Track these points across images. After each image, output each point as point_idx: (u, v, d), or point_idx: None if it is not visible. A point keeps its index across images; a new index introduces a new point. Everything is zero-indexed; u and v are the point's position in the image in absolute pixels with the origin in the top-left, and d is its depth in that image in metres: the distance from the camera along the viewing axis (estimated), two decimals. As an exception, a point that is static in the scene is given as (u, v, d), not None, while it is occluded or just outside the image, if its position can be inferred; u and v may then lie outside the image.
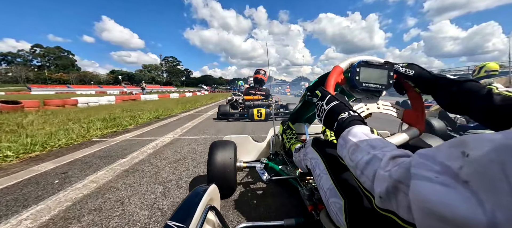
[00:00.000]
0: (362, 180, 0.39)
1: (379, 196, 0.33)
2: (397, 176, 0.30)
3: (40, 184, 1.57)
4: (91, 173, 1.75)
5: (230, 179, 1.18)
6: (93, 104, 8.94)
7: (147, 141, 2.93)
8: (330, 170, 0.63)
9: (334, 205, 0.58)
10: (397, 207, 0.30)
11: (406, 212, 0.29)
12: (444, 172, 0.24)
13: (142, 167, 1.88)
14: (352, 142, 0.43)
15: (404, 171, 0.29)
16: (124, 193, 1.40)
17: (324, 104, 0.57)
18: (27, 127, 3.46)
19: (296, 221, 0.87)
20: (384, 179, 0.32)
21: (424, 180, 0.25)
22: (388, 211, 0.32)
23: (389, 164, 0.33)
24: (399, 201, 0.30)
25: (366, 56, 0.73)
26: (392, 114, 0.71)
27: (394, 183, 0.30)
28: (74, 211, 1.21)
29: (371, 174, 0.36)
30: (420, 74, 0.63)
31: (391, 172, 0.31)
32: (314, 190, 0.91)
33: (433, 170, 0.25)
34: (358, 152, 0.41)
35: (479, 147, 0.22)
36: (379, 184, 0.33)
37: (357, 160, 0.40)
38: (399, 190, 0.29)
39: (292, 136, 1.25)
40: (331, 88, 0.66)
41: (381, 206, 0.33)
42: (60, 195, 1.39)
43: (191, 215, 0.52)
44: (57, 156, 2.26)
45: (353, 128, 0.46)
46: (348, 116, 0.50)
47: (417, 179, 0.26)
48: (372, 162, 0.37)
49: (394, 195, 0.30)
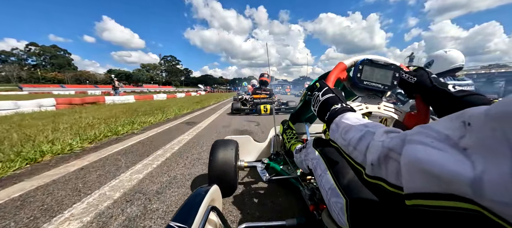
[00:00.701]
0: (354, 155, 0.40)
1: (370, 164, 0.34)
2: (390, 145, 0.31)
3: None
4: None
5: (231, 179, 1.18)
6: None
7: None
8: (331, 169, 0.63)
9: (336, 205, 0.58)
10: (386, 174, 0.31)
11: (395, 177, 0.30)
12: (441, 139, 0.24)
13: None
14: (345, 123, 0.45)
15: (398, 141, 0.30)
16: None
17: (320, 96, 0.58)
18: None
19: (297, 221, 0.87)
20: (377, 148, 0.33)
21: (419, 144, 0.26)
22: (377, 178, 0.33)
23: (383, 135, 0.34)
24: (388, 167, 0.31)
25: (372, 55, 0.71)
26: (393, 116, 0.70)
27: (386, 151, 0.31)
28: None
29: (364, 147, 0.37)
30: (421, 83, 0.62)
31: (384, 142, 0.32)
32: (315, 190, 0.91)
33: (430, 136, 0.25)
34: (351, 131, 0.42)
35: (480, 116, 0.22)
36: (372, 153, 0.34)
37: (350, 137, 0.41)
38: (390, 157, 0.31)
39: (292, 136, 1.24)
40: (331, 83, 0.66)
41: (371, 174, 0.34)
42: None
43: (193, 216, 0.51)
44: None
45: (346, 113, 0.48)
46: (340, 106, 0.51)
47: (411, 144, 0.27)
48: (365, 136, 0.38)
49: (385, 162, 0.31)
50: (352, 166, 0.41)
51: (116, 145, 2.61)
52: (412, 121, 0.69)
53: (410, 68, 0.70)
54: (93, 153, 2.29)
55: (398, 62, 0.70)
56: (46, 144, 2.38)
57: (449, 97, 0.56)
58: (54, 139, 2.60)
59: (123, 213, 1.14)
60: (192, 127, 3.87)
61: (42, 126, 3.53)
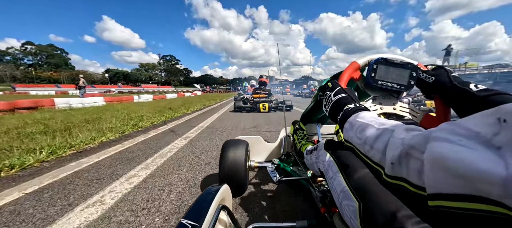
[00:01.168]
0: (371, 155, 0.38)
1: (390, 162, 0.32)
2: (412, 142, 0.29)
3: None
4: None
5: (241, 179, 1.17)
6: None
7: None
8: (343, 171, 0.62)
9: (348, 208, 0.56)
10: (408, 173, 0.30)
11: (417, 176, 0.28)
12: (470, 136, 0.22)
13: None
14: (360, 122, 0.43)
15: (421, 138, 0.28)
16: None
17: (332, 96, 0.56)
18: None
19: (308, 223, 0.85)
20: (397, 146, 0.31)
21: (445, 141, 0.24)
22: (398, 178, 0.32)
23: (403, 133, 0.33)
24: (410, 166, 0.29)
25: (387, 54, 0.69)
26: (410, 117, 0.67)
27: (407, 148, 0.30)
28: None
29: (382, 145, 0.35)
30: (439, 82, 0.59)
31: (404, 139, 0.31)
32: (326, 192, 0.90)
33: (458, 134, 0.23)
34: (367, 129, 0.40)
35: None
36: (391, 150, 0.32)
37: (366, 136, 0.39)
38: (411, 155, 0.29)
39: (303, 137, 1.24)
40: (343, 82, 0.64)
41: (391, 173, 0.33)
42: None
43: (204, 214, 0.52)
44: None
45: (361, 112, 0.46)
46: (354, 106, 0.49)
47: (436, 141, 0.25)
48: (383, 134, 0.36)
49: (406, 160, 0.30)
50: (369, 166, 0.39)
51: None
52: (430, 122, 0.66)
53: (429, 67, 0.67)
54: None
55: (416, 61, 0.68)
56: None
57: (471, 97, 0.52)
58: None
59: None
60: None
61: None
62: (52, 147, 2.32)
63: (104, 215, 1.16)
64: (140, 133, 3.49)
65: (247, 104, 7.12)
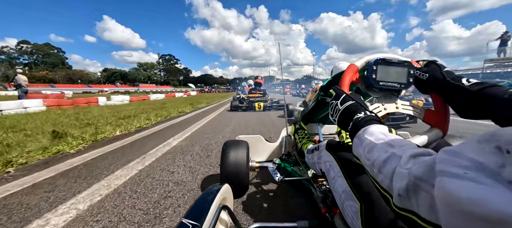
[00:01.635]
0: (379, 179, 0.36)
1: (398, 194, 0.31)
2: (418, 173, 0.28)
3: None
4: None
5: (242, 178, 1.17)
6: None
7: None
8: (345, 172, 0.62)
9: (350, 209, 0.56)
10: (418, 206, 0.28)
11: (428, 211, 0.26)
12: (475, 168, 0.22)
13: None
14: (368, 140, 0.41)
15: (427, 169, 0.27)
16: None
17: (339, 104, 0.54)
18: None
19: (309, 223, 0.85)
20: (404, 177, 0.30)
21: (452, 176, 0.23)
22: (408, 211, 0.30)
23: (409, 161, 0.31)
24: (420, 200, 0.28)
25: (384, 53, 0.69)
26: (412, 114, 0.68)
27: (414, 180, 0.28)
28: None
29: (390, 172, 0.33)
30: (433, 78, 0.59)
31: (411, 169, 0.29)
32: (328, 192, 0.90)
33: (461, 166, 0.22)
34: (375, 150, 0.38)
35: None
36: (398, 181, 0.31)
37: (374, 158, 0.38)
38: (420, 188, 0.27)
39: (304, 136, 1.24)
40: (346, 88, 0.63)
41: (400, 205, 0.31)
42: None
43: (204, 214, 0.52)
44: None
45: (370, 127, 0.44)
46: (364, 115, 0.47)
47: (443, 176, 0.24)
48: (390, 160, 0.34)
49: (414, 193, 0.28)
50: (378, 190, 0.37)
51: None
52: (432, 118, 0.66)
53: (421, 63, 0.67)
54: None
55: (409, 58, 0.67)
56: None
57: (465, 92, 0.52)
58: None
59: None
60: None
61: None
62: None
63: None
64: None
65: (243, 103, 7.49)
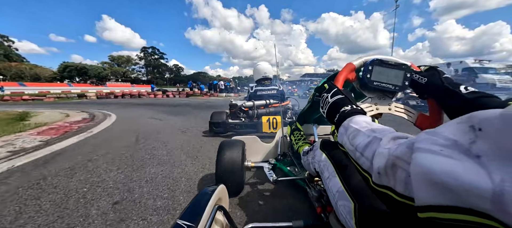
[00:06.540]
0: (361, 162, 0.39)
1: (377, 172, 0.33)
2: (397, 153, 0.30)
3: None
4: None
5: (238, 178, 1.18)
6: None
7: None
8: (339, 172, 0.62)
9: (344, 208, 0.57)
10: (394, 183, 0.30)
11: (403, 186, 0.29)
12: (450, 145, 0.23)
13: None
14: (353, 128, 0.44)
15: (405, 149, 0.29)
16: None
17: (329, 97, 0.57)
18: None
19: (304, 223, 0.85)
20: (383, 156, 0.32)
21: (428, 152, 0.24)
22: (385, 187, 0.32)
23: (390, 142, 0.34)
24: (397, 176, 0.30)
25: (382, 55, 0.70)
26: (404, 117, 0.69)
27: (393, 159, 0.30)
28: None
29: (371, 154, 0.36)
30: (432, 83, 0.61)
31: (390, 149, 0.32)
32: (322, 192, 0.90)
33: (438, 143, 0.24)
34: (358, 136, 0.41)
35: (493, 120, 0.21)
36: (378, 160, 0.33)
37: (357, 143, 0.40)
38: (397, 166, 0.30)
39: (300, 137, 1.24)
40: (339, 84, 0.65)
41: (378, 182, 0.33)
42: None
43: (200, 215, 0.52)
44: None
45: (355, 117, 0.47)
46: (350, 108, 0.50)
47: (420, 152, 0.26)
48: (372, 143, 0.37)
49: (392, 170, 0.30)
50: (359, 172, 0.40)
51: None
52: (425, 122, 0.67)
53: (421, 68, 0.68)
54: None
55: (409, 62, 0.68)
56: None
57: (461, 98, 0.54)
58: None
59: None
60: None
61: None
62: None
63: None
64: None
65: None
